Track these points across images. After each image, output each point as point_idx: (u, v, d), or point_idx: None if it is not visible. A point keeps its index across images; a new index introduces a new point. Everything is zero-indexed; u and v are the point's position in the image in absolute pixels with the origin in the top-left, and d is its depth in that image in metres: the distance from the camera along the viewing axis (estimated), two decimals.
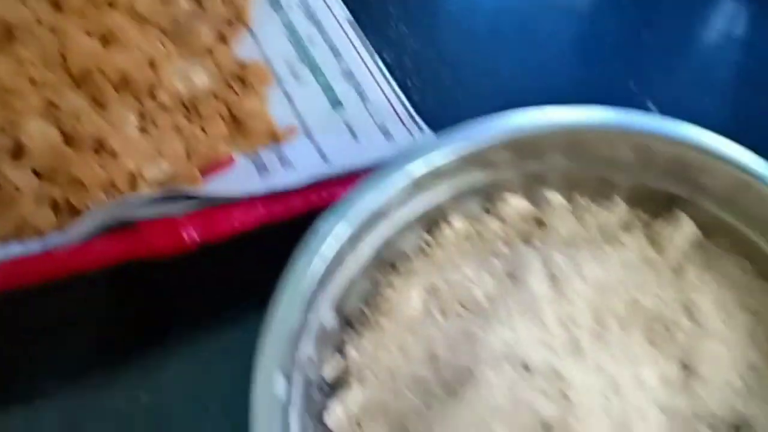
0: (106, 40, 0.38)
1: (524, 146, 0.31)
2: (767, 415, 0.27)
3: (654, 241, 0.31)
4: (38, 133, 0.35)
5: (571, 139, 0.32)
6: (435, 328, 0.29)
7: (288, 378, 0.26)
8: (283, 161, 0.38)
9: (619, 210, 0.32)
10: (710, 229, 0.31)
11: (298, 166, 0.37)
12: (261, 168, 0.38)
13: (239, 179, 0.36)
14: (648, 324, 0.29)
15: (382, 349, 0.29)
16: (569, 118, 0.31)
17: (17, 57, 0.36)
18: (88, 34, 0.37)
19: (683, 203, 0.32)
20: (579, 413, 0.26)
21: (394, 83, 0.40)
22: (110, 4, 0.39)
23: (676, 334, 0.29)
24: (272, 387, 0.25)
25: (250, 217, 0.31)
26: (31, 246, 0.31)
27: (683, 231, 0.31)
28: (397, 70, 0.41)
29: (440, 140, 0.31)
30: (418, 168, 0.30)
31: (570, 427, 0.26)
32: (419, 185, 0.30)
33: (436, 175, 0.31)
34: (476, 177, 0.32)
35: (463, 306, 0.30)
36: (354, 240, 0.29)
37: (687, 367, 0.28)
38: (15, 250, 0.31)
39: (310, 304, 0.27)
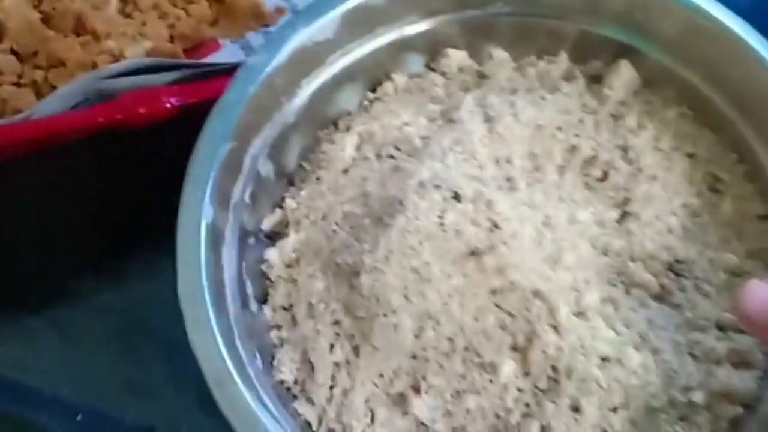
0: None
1: None
2: (701, 254, 0.28)
3: (594, 90, 0.32)
4: (16, 12, 0.34)
5: None
6: (367, 169, 0.29)
7: (220, 212, 0.27)
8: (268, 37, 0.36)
9: (562, 62, 0.32)
10: (654, 79, 0.32)
11: None
12: (248, 51, 0.37)
13: (225, 60, 0.35)
14: (585, 168, 0.29)
15: (317, 196, 0.29)
16: None
17: None
18: None
19: (629, 53, 0.32)
20: (509, 242, 0.26)
21: None
22: None
23: (613, 177, 0.29)
24: (200, 216, 0.26)
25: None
26: (15, 118, 0.30)
27: (622, 77, 0.31)
28: None
29: None
30: (347, 5, 0.30)
31: (499, 255, 0.25)
32: (354, 25, 0.30)
33: (369, 15, 0.31)
34: (416, 28, 0.32)
35: (397, 148, 0.30)
36: (289, 82, 0.30)
37: (625, 212, 0.29)
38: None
39: (240, 137, 0.28)
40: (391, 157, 0.30)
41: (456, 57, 0.33)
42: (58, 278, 0.34)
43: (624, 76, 0.32)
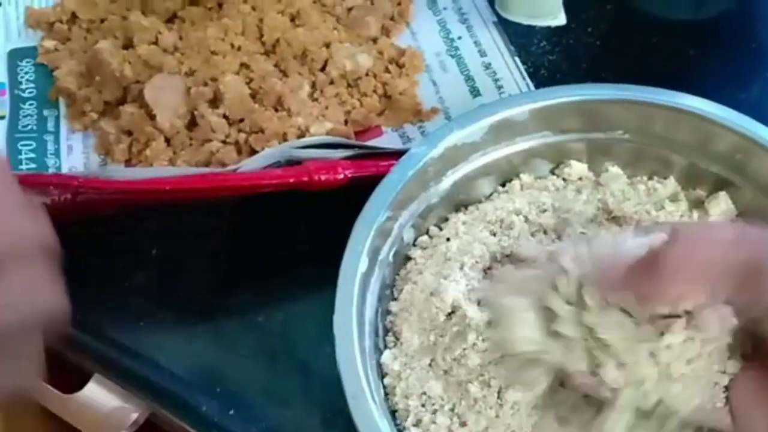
0: (294, 20, 0.46)
1: (593, 115, 0.38)
2: None
3: (695, 214, 0.37)
4: (233, 87, 0.43)
5: (639, 115, 0.38)
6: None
7: (371, 265, 0.33)
8: (425, 136, 0.44)
9: (670, 185, 0.38)
10: (748, 212, 0.37)
11: None
12: (405, 139, 0.44)
13: (386, 145, 0.43)
14: None
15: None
16: (636, 96, 0.37)
17: (223, 26, 0.45)
18: (281, 13, 0.46)
19: (728, 186, 0.37)
20: None
21: (528, 80, 0.45)
22: None
23: None
24: (357, 265, 0.33)
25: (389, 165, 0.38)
26: (227, 169, 0.39)
27: (720, 206, 0.37)
28: (533, 78, 0.47)
29: (516, 98, 0.39)
30: (495, 117, 0.37)
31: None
32: (498, 133, 0.37)
33: (512, 127, 0.38)
34: (548, 140, 0.39)
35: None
36: (439, 171, 0.37)
37: None
38: (209, 170, 0.39)
39: (395, 208, 0.35)
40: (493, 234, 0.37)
41: (577, 167, 0.39)
42: (224, 295, 0.41)
43: (722, 205, 0.37)
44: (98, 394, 0.41)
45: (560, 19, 0.46)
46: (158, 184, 0.35)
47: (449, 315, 0.33)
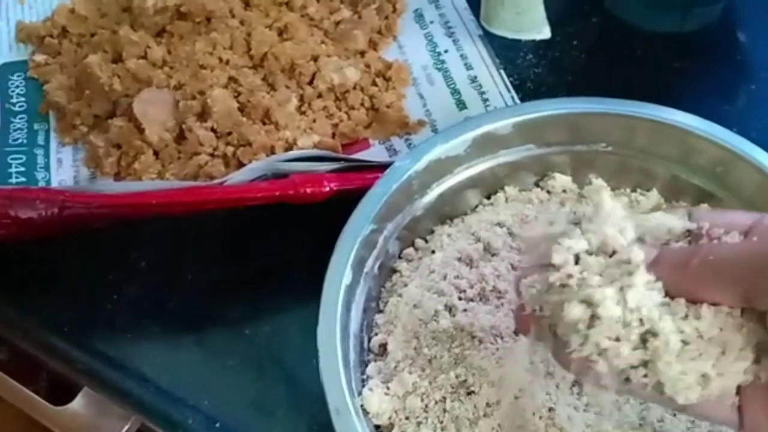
0: (282, 34, 0.47)
1: (577, 128, 0.38)
2: None
3: None
4: (221, 100, 0.43)
5: (622, 128, 0.38)
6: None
7: (355, 277, 0.34)
8: (411, 148, 0.44)
9: (653, 196, 0.39)
10: None
11: None
12: (392, 152, 0.45)
13: (372, 158, 0.44)
14: None
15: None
16: (619, 109, 0.38)
17: (212, 40, 0.46)
18: (269, 27, 0.46)
19: (710, 198, 0.38)
20: None
21: (513, 92, 0.46)
22: (288, 6, 0.48)
23: None
24: (341, 278, 0.33)
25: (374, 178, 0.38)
26: (213, 182, 0.39)
27: None
28: (519, 91, 0.47)
29: (500, 112, 0.40)
30: (479, 131, 0.38)
31: None
32: (481, 147, 0.38)
33: (495, 141, 0.38)
34: (531, 153, 0.39)
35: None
36: (423, 184, 0.37)
37: None
38: (195, 184, 0.40)
39: (379, 221, 0.35)
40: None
41: (561, 180, 0.40)
42: (213, 306, 0.41)
43: None
44: (88, 406, 0.42)
45: (545, 34, 0.47)
46: (144, 199, 0.35)
47: (434, 327, 0.34)
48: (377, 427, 0.33)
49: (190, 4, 0.46)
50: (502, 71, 0.47)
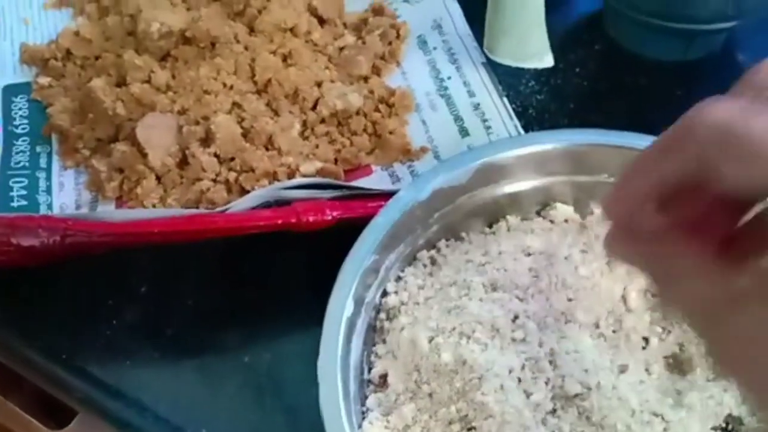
0: (286, 59, 0.47)
1: (579, 159, 0.39)
2: None
3: None
4: (225, 126, 0.43)
5: (623, 159, 0.37)
6: None
7: (357, 308, 0.34)
8: (414, 175, 0.44)
9: None
10: None
11: None
12: (394, 179, 0.45)
13: (374, 184, 0.44)
14: None
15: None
16: (621, 141, 0.38)
17: (216, 65, 0.46)
18: (273, 53, 0.46)
19: None
20: None
21: (516, 121, 0.46)
22: (292, 32, 0.48)
23: None
24: (343, 310, 0.33)
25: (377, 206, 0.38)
26: (217, 209, 0.39)
27: None
28: (521, 118, 0.47)
29: (503, 143, 0.40)
30: (482, 161, 0.38)
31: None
32: (483, 177, 0.38)
33: (497, 170, 0.38)
34: (533, 183, 0.39)
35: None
36: (426, 214, 0.37)
37: None
38: (197, 212, 0.40)
39: (382, 251, 0.35)
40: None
41: (563, 210, 0.40)
42: (213, 333, 0.41)
43: None
44: (85, 430, 0.41)
45: (547, 62, 0.47)
46: (146, 227, 0.35)
47: (435, 360, 0.34)
48: None
49: (194, 30, 0.46)
50: (504, 98, 0.47)
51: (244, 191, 0.42)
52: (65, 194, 0.44)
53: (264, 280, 0.42)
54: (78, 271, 0.42)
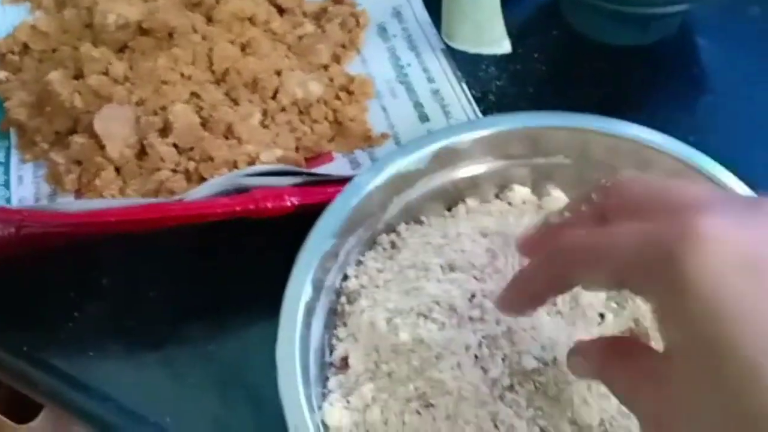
0: (245, 49, 0.47)
1: (536, 142, 0.39)
2: None
3: None
4: (183, 116, 0.43)
5: (580, 141, 0.39)
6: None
7: (315, 293, 0.34)
8: (374, 161, 0.45)
9: None
10: None
11: None
12: (355, 165, 0.45)
13: (335, 171, 0.44)
14: None
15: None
16: (577, 123, 0.39)
17: (174, 56, 0.45)
18: (231, 42, 0.46)
19: None
20: None
21: (475, 106, 0.46)
22: (251, 22, 0.48)
23: None
24: (300, 294, 0.33)
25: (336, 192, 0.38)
26: (172, 198, 0.39)
27: None
28: (481, 103, 0.48)
29: (461, 127, 0.41)
30: (439, 145, 0.38)
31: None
32: (441, 160, 0.38)
33: (455, 154, 0.39)
34: (492, 166, 0.40)
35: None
36: (384, 198, 0.38)
37: None
38: (154, 200, 0.39)
39: (341, 235, 0.36)
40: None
41: (521, 192, 0.41)
42: (175, 324, 0.41)
43: None
44: (51, 424, 0.41)
45: (505, 48, 0.47)
46: (103, 216, 0.35)
47: (393, 340, 0.34)
48: None
49: (152, 20, 0.46)
50: (463, 84, 0.48)
51: (203, 180, 0.42)
52: (24, 188, 0.44)
53: (226, 269, 0.42)
54: (39, 264, 0.41)
